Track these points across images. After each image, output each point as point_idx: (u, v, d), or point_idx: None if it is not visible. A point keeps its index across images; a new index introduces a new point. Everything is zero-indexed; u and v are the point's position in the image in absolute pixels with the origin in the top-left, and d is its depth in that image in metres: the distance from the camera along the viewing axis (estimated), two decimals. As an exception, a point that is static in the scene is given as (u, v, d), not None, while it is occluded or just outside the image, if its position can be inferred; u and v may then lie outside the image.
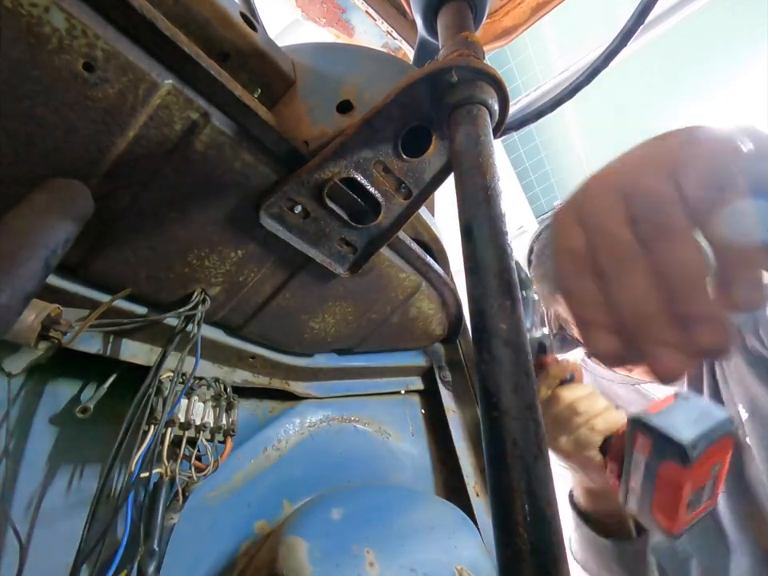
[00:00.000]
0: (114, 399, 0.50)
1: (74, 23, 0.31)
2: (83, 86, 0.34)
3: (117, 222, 0.44)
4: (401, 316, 0.73)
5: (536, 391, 0.26)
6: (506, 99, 0.40)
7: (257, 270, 0.54)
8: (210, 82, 0.38)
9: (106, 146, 0.38)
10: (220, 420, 0.53)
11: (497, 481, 0.23)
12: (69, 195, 0.38)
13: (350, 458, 0.73)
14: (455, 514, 0.64)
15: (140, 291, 0.51)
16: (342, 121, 0.46)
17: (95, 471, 0.49)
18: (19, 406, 0.46)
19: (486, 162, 0.34)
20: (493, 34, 0.99)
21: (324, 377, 0.76)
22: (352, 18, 1.06)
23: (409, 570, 0.50)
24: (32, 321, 0.39)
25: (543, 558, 0.21)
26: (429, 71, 0.39)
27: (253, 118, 0.41)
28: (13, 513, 0.42)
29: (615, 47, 0.82)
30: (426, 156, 0.46)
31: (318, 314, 0.64)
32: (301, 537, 0.49)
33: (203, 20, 0.44)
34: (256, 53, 0.48)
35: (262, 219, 0.46)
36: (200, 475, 0.49)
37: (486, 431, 0.25)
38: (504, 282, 0.28)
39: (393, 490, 0.67)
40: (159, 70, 0.36)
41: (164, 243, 0.47)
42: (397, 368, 0.85)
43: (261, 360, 0.66)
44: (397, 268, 0.63)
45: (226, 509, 0.57)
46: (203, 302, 0.53)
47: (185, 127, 0.39)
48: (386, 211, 0.50)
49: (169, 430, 0.48)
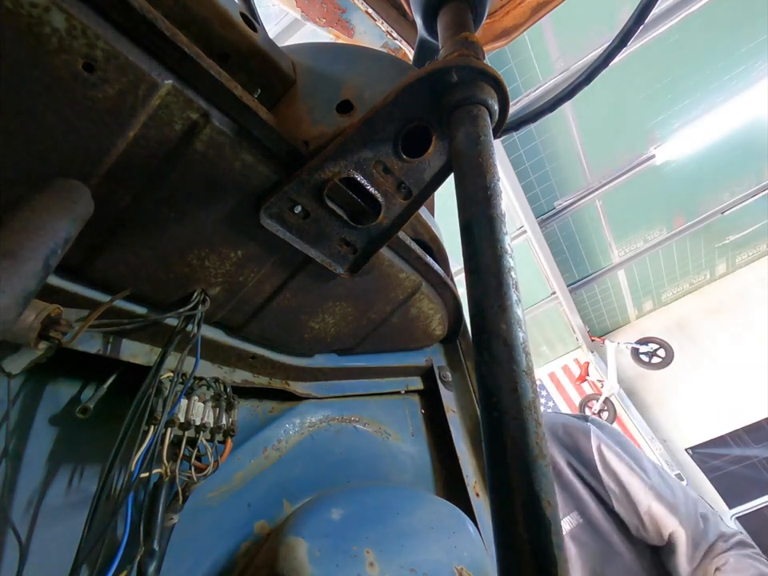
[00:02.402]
0: (113, 399, 0.50)
1: (74, 23, 0.31)
2: (83, 86, 0.34)
3: (117, 222, 0.44)
4: (401, 316, 0.73)
5: (536, 391, 0.26)
6: (506, 99, 0.40)
7: (257, 270, 0.54)
8: (210, 82, 0.38)
9: (106, 146, 0.38)
10: (220, 420, 0.53)
11: (497, 481, 0.23)
12: (69, 195, 0.38)
13: (350, 458, 0.72)
14: (455, 514, 0.64)
15: (140, 291, 0.51)
16: (342, 121, 0.46)
17: (95, 471, 0.49)
18: (19, 406, 0.46)
19: (486, 162, 0.34)
20: (493, 34, 0.99)
21: (324, 377, 0.76)
22: (352, 18, 1.06)
23: (409, 570, 0.50)
24: (32, 321, 0.39)
25: (543, 557, 0.21)
26: (429, 71, 0.39)
27: (253, 118, 0.41)
28: (13, 513, 0.42)
29: (615, 47, 0.82)
30: (425, 156, 0.46)
31: (318, 314, 0.64)
32: (301, 537, 0.49)
33: (203, 20, 0.44)
34: (256, 53, 0.48)
35: (262, 219, 0.46)
36: (200, 475, 0.49)
37: (485, 431, 0.25)
38: (504, 282, 0.28)
39: (393, 490, 0.67)
40: (159, 70, 0.36)
41: (164, 243, 0.47)
42: (397, 368, 0.85)
43: (261, 360, 0.66)
44: (397, 268, 0.63)
45: (226, 509, 0.57)
46: (203, 302, 0.53)
47: (185, 127, 0.39)
48: (386, 211, 0.50)
49: (169, 430, 0.48)
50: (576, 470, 1.13)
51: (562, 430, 1.22)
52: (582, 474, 1.12)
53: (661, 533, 1.02)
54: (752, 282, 4.99)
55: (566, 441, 1.18)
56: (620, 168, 3.80)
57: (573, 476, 1.12)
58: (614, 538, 1.05)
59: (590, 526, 1.06)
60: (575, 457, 1.14)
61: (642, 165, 3.79)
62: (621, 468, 1.09)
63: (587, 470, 1.12)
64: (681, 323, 5.25)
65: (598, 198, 4.02)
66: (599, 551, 1.04)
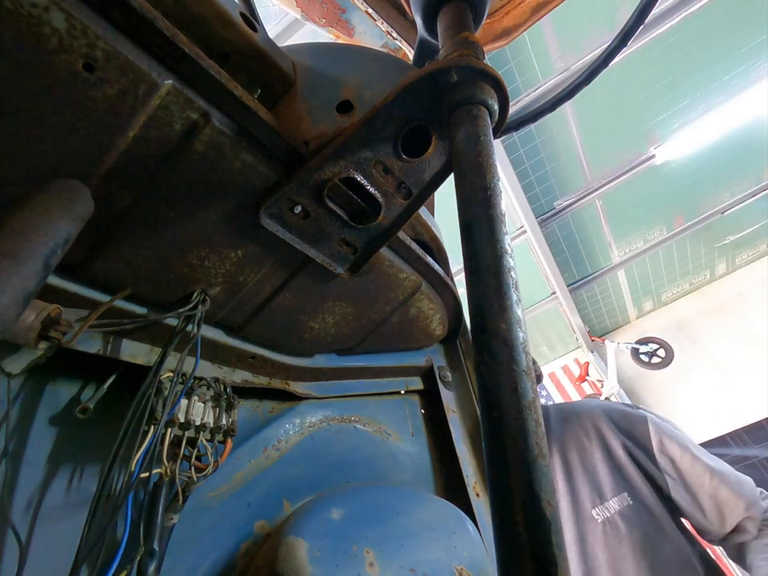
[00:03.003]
0: (113, 399, 0.50)
1: (74, 23, 0.31)
2: (83, 86, 0.34)
3: (117, 222, 0.44)
4: (401, 316, 0.73)
5: (536, 391, 0.26)
6: (506, 99, 0.40)
7: (257, 271, 0.54)
8: (210, 82, 0.38)
9: (106, 147, 0.38)
10: (220, 420, 0.53)
11: (497, 481, 0.23)
12: (69, 195, 0.38)
13: (350, 458, 0.72)
14: (455, 514, 0.64)
15: (140, 291, 0.51)
16: (342, 121, 0.46)
17: (95, 471, 0.49)
18: (19, 406, 0.46)
19: (486, 162, 0.34)
20: (493, 34, 0.99)
21: (324, 377, 0.76)
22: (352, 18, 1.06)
23: (409, 570, 0.50)
24: (32, 321, 0.39)
25: (543, 557, 0.21)
26: (429, 71, 0.39)
27: (253, 118, 0.41)
28: (13, 513, 0.42)
29: (615, 47, 0.82)
30: (425, 156, 0.46)
31: (318, 314, 0.64)
32: (301, 537, 0.49)
33: (203, 20, 0.44)
34: (256, 53, 0.48)
35: (262, 219, 0.46)
36: (200, 475, 0.49)
37: (485, 431, 0.25)
38: (504, 282, 0.28)
39: (392, 490, 0.67)
40: (159, 70, 0.36)
41: (164, 243, 0.47)
42: (397, 368, 0.85)
43: (261, 360, 0.66)
44: (397, 268, 0.63)
45: (226, 509, 0.57)
46: (203, 302, 0.53)
47: (185, 127, 0.39)
48: (386, 211, 0.50)
49: (169, 430, 0.48)
50: (631, 453, 1.14)
51: (618, 414, 1.23)
52: (637, 458, 1.13)
53: (724, 516, 1.04)
54: (752, 281, 4.99)
55: (622, 425, 1.19)
56: (620, 168, 3.80)
57: (626, 458, 1.13)
58: (665, 522, 1.06)
59: (641, 508, 1.08)
60: (631, 441, 1.16)
61: (641, 165, 3.78)
62: (681, 453, 1.11)
63: (644, 455, 1.13)
64: (681, 323, 5.25)
65: (598, 198, 4.02)
66: (650, 533, 1.05)
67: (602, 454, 1.16)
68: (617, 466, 1.14)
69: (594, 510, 1.11)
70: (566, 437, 1.22)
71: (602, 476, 1.13)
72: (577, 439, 1.21)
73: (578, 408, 1.29)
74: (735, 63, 3.26)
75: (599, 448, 1.17)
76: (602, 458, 1.15)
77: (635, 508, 1.07)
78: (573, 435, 1.22)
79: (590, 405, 1.29)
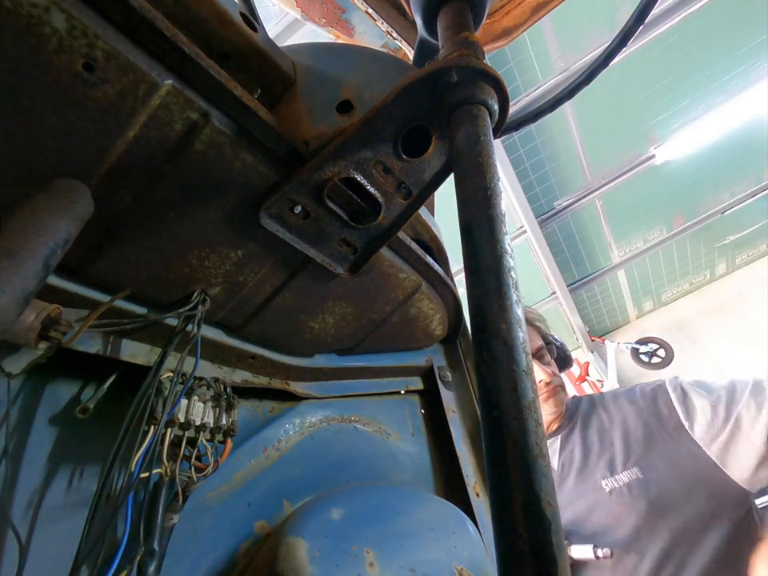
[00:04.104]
0: (113, 399, 0.50)
1: (74, 23, 0.31)
2: (83, 86, 0.34)
3: (117, 222, 0.44)
4: (401, 316, 0.73)
5: (536, 391, 0.26)
6: (506, 99, 0.40)
7: (257, 270, 0.54)
8: (210, 82, 0.38)
9: (106, 147, 0.38)
10: (220, 420, 0.53)
11: (497, 481, 0.23)
12: (69, 195, 0.38)
13: (350, 458, 0.72)
14: (455, 514, 0.64)
15: (140, 291, 0.51)
16: (342, 121, 0.46)
17: (95, 471, 0.49)
18: (19, 406, 0.46)
19: (486, 162, 0.34)
20: (493, 34, 0.99)
21: (324, 377, 0.76)
22: (352, 18, 1.06)
23: (409, 570, 0.50)
24: (32, 321, 0.39)
25: (543, 557, 0.21)
26: (429, 71, 0.39)
27: (253, 118, 0.41)
28: (13, 513, 0.42)
29: (615, 47, 0.82)
30: (425, 156, 0.46)
31: (318, 314, 0.64)
32: (301, 537, 0.49)
33: (203, 20, 0.44)
34: (256, 53, 0.48)
35: (262, 219, 0.46)
36: (200, 475, 0.49)
37: (485, 431, 0.25)
38: (504, 282, 0.28)
39: (393, 490, 0.67)
40: (159, 70, 0.36)
41: (164, 243, 0.47)
42: (397, 368, 0.85)
43: (261, 360, 0.66)
44: (397, 268, 0.63)
45: (226, 509, 0.57)
46: (203, 302, 0.53)
47: (185, 127, 0.39)
48: (386, 211, 0.50)
49: (169, 430, 0.48)
50: (650, 430, 1.17)
51: (638, 393, 1.28)
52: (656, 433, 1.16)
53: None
54: (752, 281, 4.99)
55: (643, 402, 1.24)
56: (620, 168, 3.80)
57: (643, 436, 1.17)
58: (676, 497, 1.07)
59: (650, 482, 1.10)
60: (656, 418, 1.19)
61: (641, 165, 3.79)
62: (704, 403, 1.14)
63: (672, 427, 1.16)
64: (681, 323, 5.25)
65: (598, 198, 4.02)
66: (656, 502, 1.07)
67: (621, 432, 1.20)
68: (633, 442, 1.17)
69: (603, 480, 1.14)
70: (591, 419, 1.30)
71: (617, 452, 1.17)
72: (599, 420, 1.28)
73: (607, 394, 1.38)
74: (735, 63, 3.26)
75: (619, 427, 1.22)
76: (619, 437, 1.20)
77: (643, 481, 1.09)
78: (596, 417, 1.29)
79: (616, 392, 1.37)
